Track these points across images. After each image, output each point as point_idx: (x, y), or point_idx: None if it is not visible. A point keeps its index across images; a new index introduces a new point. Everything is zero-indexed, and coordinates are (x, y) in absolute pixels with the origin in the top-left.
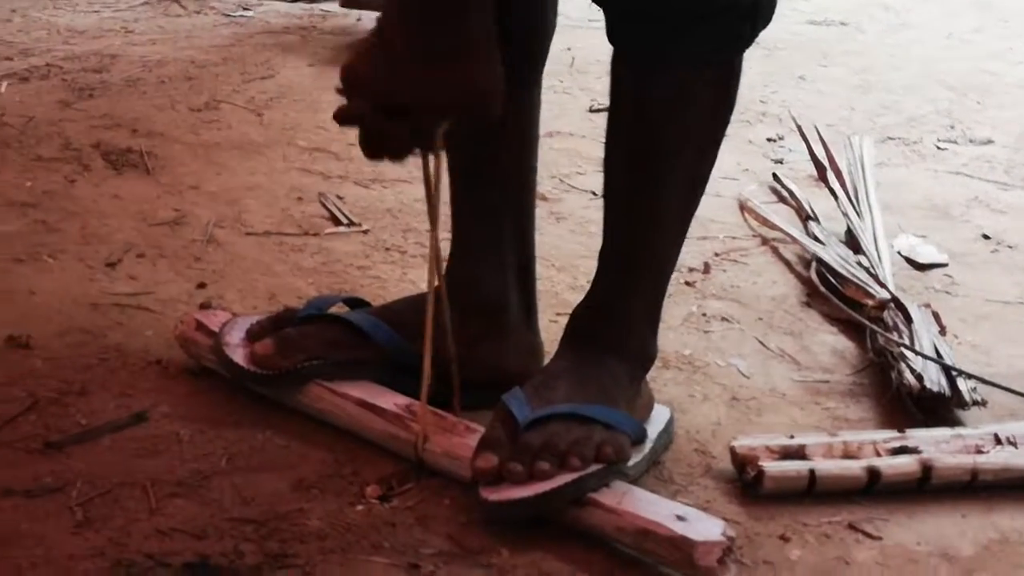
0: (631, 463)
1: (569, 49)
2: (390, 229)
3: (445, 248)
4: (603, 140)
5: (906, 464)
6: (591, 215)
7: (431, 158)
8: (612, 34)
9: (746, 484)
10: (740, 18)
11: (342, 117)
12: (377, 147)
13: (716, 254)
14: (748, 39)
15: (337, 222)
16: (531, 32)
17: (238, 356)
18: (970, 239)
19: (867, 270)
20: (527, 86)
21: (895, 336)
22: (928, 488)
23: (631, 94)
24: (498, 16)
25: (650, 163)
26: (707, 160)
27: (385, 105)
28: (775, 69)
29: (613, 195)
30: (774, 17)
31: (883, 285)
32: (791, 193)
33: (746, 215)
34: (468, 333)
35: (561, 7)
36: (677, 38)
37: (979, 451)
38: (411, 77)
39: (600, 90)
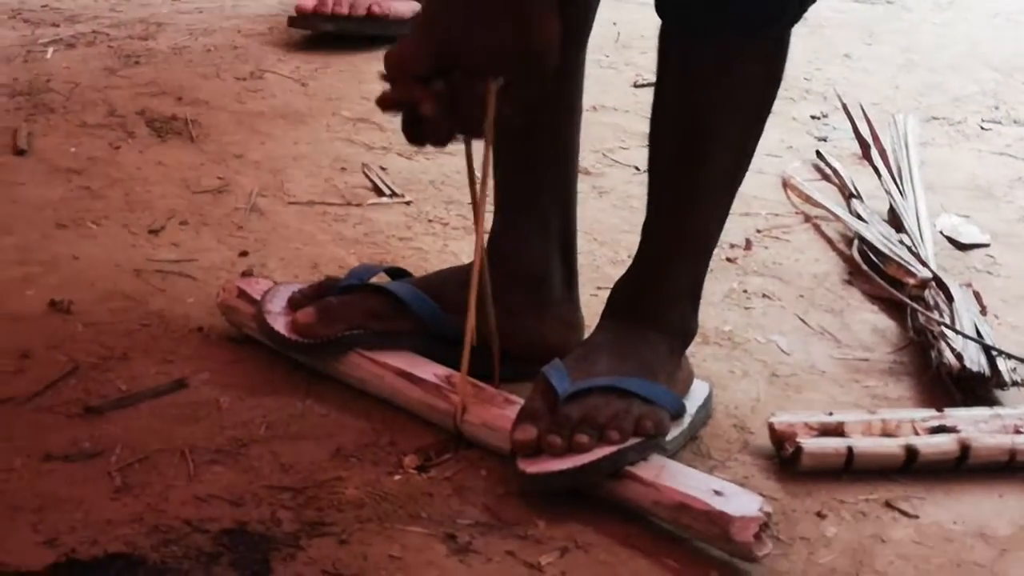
0: (669, 437)
1: (615, 24)
2: (432, 200)
3: (488, 219)
4: (647, 115)
5: (944, 443)
6: (634, 190)
7: (473, 143)
8: (661, 6)
9: (784, 460)
10: None
11: (386, 102)
12: (419, 130)
13: (758, 231)
14: (797, 13)
15: (380, 193)
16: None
17: (279, 324)
18: (1013, 220)
19: (909, 249)
20: (573, 53)
21: (936, 315)
22: (965, 468)
23: (678, 67)
24: None
25: (695, 137)
26: (753, 135)
27: (437, 61)
28: (820, 46)
29: (657, 169)
30: None
31: (925, 264)
32: (834, 171)
33: (789, 192)
34: (510, 304)
35: None
36: (725, 11)
37: (1018, 431)
38: (466, 27)
39: (644, 65)
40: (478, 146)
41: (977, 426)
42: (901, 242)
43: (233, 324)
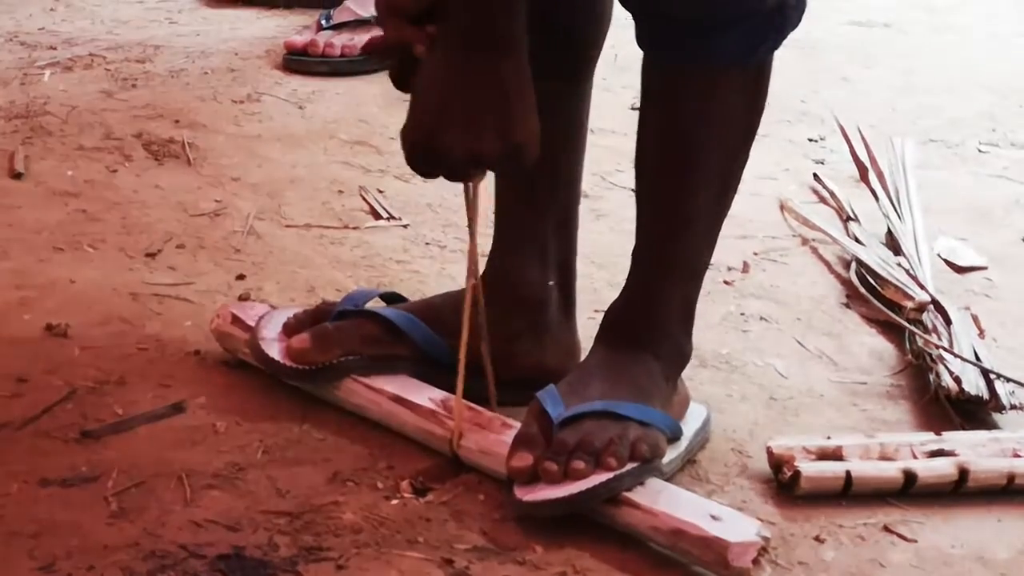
0: (666, 460)
1: (612, 46)
2: (430, 223)
3: (486, 242)
4: None
5: (942, 467)
6: (631, 213)
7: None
8: (641, 39)
9: (782, 484)
10: (767, 22)
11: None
12: (410, 75)
13: (755, 253)
14: (775, 42)
15: (377, 216)
16: (586, 32)
17: (274, 351)
18: (1010, 243)
19: (907, 272)
20: (578, 81)
21: (934, 338)
22: (964, 491)
23: (660, 97)
24: (554, 17)
25: (679, 164)
26: (738, 161)
27: (422, 152)
28: (817, 69)
29: (644, 195)
30: (816, 18)
31: (923, 287)
32: (832, 193)
33: (786, 215)
34: (508, 329)
35: None
36: (704, 42)
37: (1016, 455)
38: (446, 131)
39: None
40: None
41: (975, 450)
42: (899, 265)
43: (228, 350)
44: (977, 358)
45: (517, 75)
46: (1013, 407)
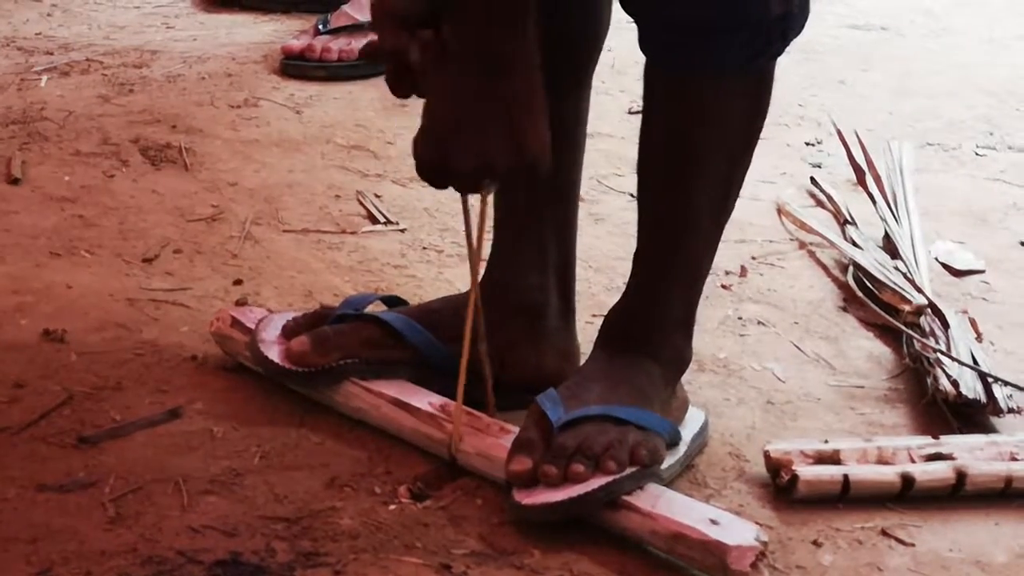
0: (665, 465)
1: (610, 50)
2: (427, 228)
3: (484, 249)
4: None
5: (940, 471)
6: (629, 216)
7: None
8: (644, 44)
9: (780, 488)
10: (770, 29)
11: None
12: (404, 81)
13: (753, 257)
14: (779, 49)
15: (374, 220)
16: (585, 36)
17: (273, 353)
18: (1008, 246)
19: (904, 275)
20: (577, 89)
21: (931, 342)
22: (962, 495)
23: (663, 102)
24: (552, 20)
25: (682, 170)
26: (740, 166)
27: (435, 167)
28: (814, 73)
29: (646, 199)
30: (813, 21)
31: (920, 291)
32: (829, 197)
33: (783, 219)
34: (507, 334)
35: None
36: (708, 49)
37: (1013, 459)
38: (458, 143)
39: (639, 91)
40: None
41: (973, 453)
42: (896, 268)
43: (227, 353)
44: (975, 362)
45: (528, 92)
46: (1011, 410)
